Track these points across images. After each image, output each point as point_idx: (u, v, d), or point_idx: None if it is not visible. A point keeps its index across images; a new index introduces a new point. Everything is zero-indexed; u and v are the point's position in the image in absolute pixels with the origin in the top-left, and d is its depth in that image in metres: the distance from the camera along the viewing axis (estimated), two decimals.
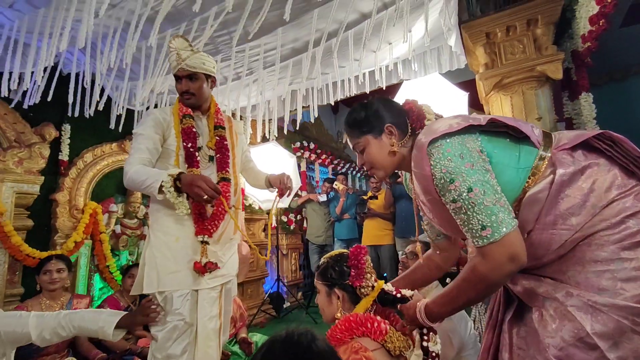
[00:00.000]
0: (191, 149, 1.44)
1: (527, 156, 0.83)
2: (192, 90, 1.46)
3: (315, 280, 1.21)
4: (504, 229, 0.75)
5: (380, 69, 2.81)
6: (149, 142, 1.41)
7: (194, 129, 1.47)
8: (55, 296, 2.17)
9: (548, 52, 2.38)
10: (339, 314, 1.09)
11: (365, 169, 1.04)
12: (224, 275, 1.48)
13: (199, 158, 1.46)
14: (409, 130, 0.97)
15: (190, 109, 1.50)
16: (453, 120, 0.86)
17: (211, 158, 1.54)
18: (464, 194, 0.78)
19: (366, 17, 2.22)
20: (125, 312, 1.35)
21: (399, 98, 3.25)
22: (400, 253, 3.60)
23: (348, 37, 2.32)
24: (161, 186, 1.25)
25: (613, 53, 4.13)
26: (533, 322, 0.80)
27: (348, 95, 3.04)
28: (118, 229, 3.09)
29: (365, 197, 3.84)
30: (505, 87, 2.53)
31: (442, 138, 0.83)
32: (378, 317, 1.02)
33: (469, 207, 0.78)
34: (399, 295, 1.06)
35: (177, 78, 1.46)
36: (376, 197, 3.82)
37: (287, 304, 4.13)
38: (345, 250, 1.20)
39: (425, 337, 0.99)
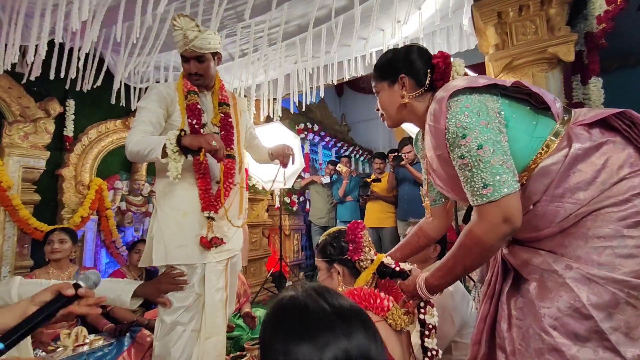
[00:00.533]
0: (196, 126, 1.43)
1: (543, 127, 0.83)
2: (200, 72, 1.45)
3: (315, 258, 1.22)
4: (505, 190, 0.75)
5: (388, 48, 2.75)
6: (152, 116, 1.40)
7: (198, 106, 1.46)
8: (62, 266, 2.22)
9: (561, 33, 2.31)
10: (340, 289, 1.10)
11: (379, 113, 1.05)
12: (230, 250, 1.51)
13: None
14: (426, 85, 0.95)
15: (194, 86, 1.49)
16: (477, 77, 0.85)
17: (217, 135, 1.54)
18: (473, 151, 0.78)
19: None
20: (142, 282, 1.38)
21: None
22: (401, 236, 3.64)
23: (356, 15, 2.26)
24: (165, 147, 1.23)
25: (626, 38, 4.01)
26: (529, 294, 0.82)
27: (355, 76, 3.00)
28: (123, 205, 3.13)
29: (368, 180, 3.84)
30: (515, 69, 2.48)
31: (462, 93, 0.82)
32: (382, 294, 1.01)
33: (476, 163, 0.77)
34: (397, 268, 1.08)
35: (185, 58, 1.44)
36: (379, 180, 3.82)
37: (289, 283, 4.21)
38: (343, 227, 1.20)
39: (422, 310, 1.02)
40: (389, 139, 7.21)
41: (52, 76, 2.34)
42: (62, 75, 2.40)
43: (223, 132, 1.53)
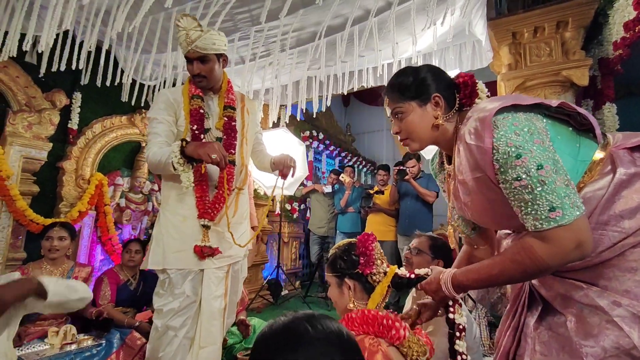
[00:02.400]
0: (196, 132, 1.42)
1: (586, 150, 0.79)
2: (203, 73, 1.43)
3: (325, 273, 1.17)
4: (577, 212, 0.69)
5: (400, 61, 2.74)
6: (163, 126, 1.41)
7: (201, 111, 1.45)
8: (57, 262, 2.17)
9: (575, 57, 2.31)
10: (351, 305, 1.04)
11: (399, 137, 0.96)
12: (231, 256, 1.46)
13: (204, 140, 1.45)
14: (456, 106, 0.91)
15: (200, 90, 1.48)
16: (519, 96, 0.81)
17: (219, 139, 1.52)
18: (533, 171, 0.71)
19: (391, 5, 2.15)
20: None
21: None
22: (405, 248, 3.57)
23: (372, 26, 2.25)
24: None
25: (634, 66, 4.03)
26: (560, 328, 0.77)
27: (364, 87, 2.98)
28: (123, 202, 3.08)
29: (371, 192, 3.80)
30: (527, 89, 2.47)
31: (507, 110, 0.76)
32: (402, 322, 0.94)
33: (537, 185, 0.70)
34: (412, 276, 1.03)
35: (188, 59, 1.43)
36: (382, 192, 3.78)
37: (285, 292, 4.13)
38: (353, 240, 1.15)
39: (452, 309, 0.97)
40: (393, 151, 7.19)
41: (62, 67, 2.32)
42: (73, 67, 2.38)
43: (225, 137, 1.51)
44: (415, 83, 0.92)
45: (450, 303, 0.95)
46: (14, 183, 2.35)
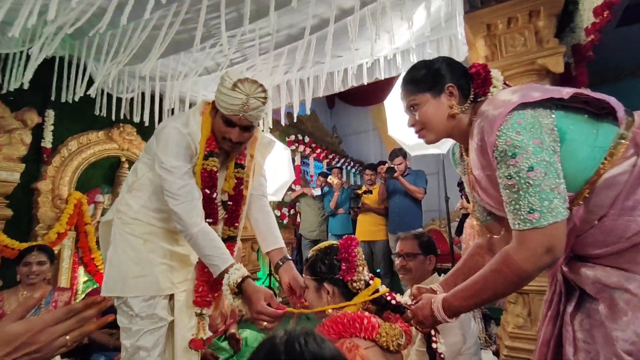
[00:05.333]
0: (207, 193, 1.27)
1: (605, 135, 0.77)
2: (242, 141, 1.27)
3: (303, 274, 1.14)
4: (552, 219, 0.71)
5: (379, 59, 2.73)
6: (192, 177, 1.24)
7: (216, 173, 1.28)
8: (35, 288, 2.07)
9: (549, 45, 2.33)
10: (330, 310, 1.02)
11: (414, 129, 0.96)
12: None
13: (219, 209, 1.33)
14: (471, 96, 0.90)
15: (225, 149, 1.31)
16: (531, 88, 0.79)
17: (224, 204, 1.39)
18: (523, 172, 0.73)
19: (366, 4, 2.14)
20: None
21: (398, 90, 3.18)
22: (393, 249, 3.55)
23: (347, 25, 2.23)
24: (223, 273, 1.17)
25: (607, 53, 4.12)
26: (598, 315, 0.75)
27: (345, 88, 2.97)
28: None
29: (359, 192, 3.78)
30: (505, 80, 2.48)
31: (515, 108, 0.76)
32: (366, 313, 0.96)
33: (524, 186, 0.73)
34: (393, 301, 1.00)
35: (229, 122, 1.22)
36: (370, 192, 3.76)
37: (279, 299, 4.06)
38: (335, 242, 1.13)
39: (434, 339, 0.96)
40: (380, 150, 7.22)
41: (26, 85, 2.23)
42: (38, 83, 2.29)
43: (231, 204, 1.36)
44: (428, 74, 0.92)
45: (433, 332, 0.94)
46: None
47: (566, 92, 0.77)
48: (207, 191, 1.26)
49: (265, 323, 1.12)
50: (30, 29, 2.00)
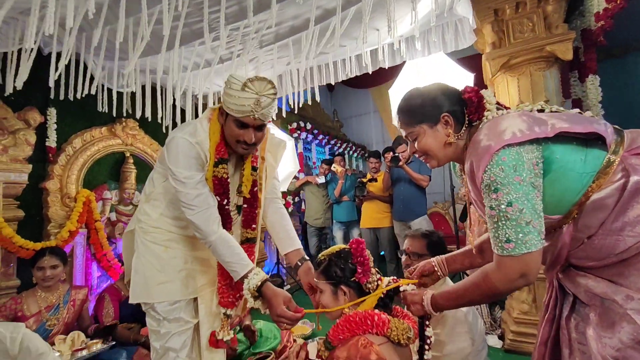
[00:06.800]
0: (226, 206, 1.29)
1: (593, 160, 0.81)
2: (256, 141, 1.26)
3: (315, 279, 1.19)
4: (526, 249, 0.78)
5: (383, 47, 2.68)
6: (205, 186, 1.25)
7: (227, 180, 1.28)
8: (51, 289, 2.13)
9: (558, 31, 2.28)
10: (347, 310, 1.09)
11: (417, 156, 1.02)
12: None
13: (232, 215, 1.34)
14: (466, 121, 0.94)
15: (238, 152, 1.30)
16: (518, 123, 0.81)
17: (238, 209, 1.39)
18: (502, 206, 0.79)
19: None
20: None
21: (402, 78, 3.13)
22: (398, 236, 3.61)
23: (350, 14, 2.17)
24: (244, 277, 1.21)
25: (613, 28, 4.03)
26: (590, 320, 0.81)
27: (348, 77, 2.92)
28: (113, 216, 3.02)
29: (364, 180, 3.80)
30: (512, 67, 2.44)
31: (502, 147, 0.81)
32: (376, 310, 1.04)
33: (502, 218, 0.79)
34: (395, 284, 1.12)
35: (242, 124, 1.21)
36: (375, 180, 3.78)
37: (287, 286, 4.17)
38: (344, 246, 1.19)
39: (427, 325, 1.07)
40: (382, 133, 7.17)
41: (20, 86, 2.18)
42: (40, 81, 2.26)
43: (246, 206, 1.37)
44: (423, 105, 0.95)
45: (427, 322, 1.07)
46: None
47: (551, 127, 0.80)
48: (218, 198, 1.28)
49: (285, 325, 1.18)
50: (28, 25, 1.94)
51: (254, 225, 1.39)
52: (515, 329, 2.26)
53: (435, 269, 1.18)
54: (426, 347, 1.06)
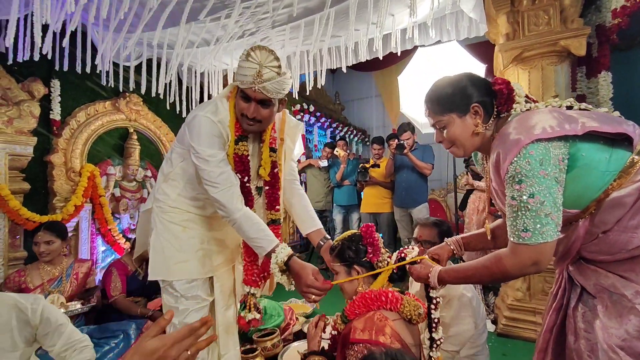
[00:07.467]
0: (247, 184, 1.30)
1: (617, 160, 0.83)
2: (259, 118, 1.22)
3: (331, 263, 1.24)
4: (542, 239, 0.81)
5: (396, 33, 2.64)
6: (227, 164, 1.25)
7: (248, 157, 1.28)
8: (54, 262, 2.16)
9: (574, 26, 2.27)
10: (360, 288, 1.17)
11: (444, 146, 1.03)
12: (234, 258, 1.48)
13: (253, 193, 1.34)
14: (494, 112, 0.95)
15: (240, 128, 1.28)
16: (549, 119, 0.83)
17: (259, 190, 1.39)
18: (524, 197, 0.81)
19: None
20: None
21: (413, 65, 3.10)
22: (398, 222, 3.67)
23: None
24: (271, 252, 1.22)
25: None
26: (597, 311, 0.86)
27: (358, 60, 2.89)
28: (117, 192, 3.02)
29: (367, 165, 3.82)
30: (524, 60, 2.44)
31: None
32: (390, 288, 1.12)
33: (523, 209, 0.82)
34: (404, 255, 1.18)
35: (244, 96, 1.21)
36: (378, 166, 3.81)
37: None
38: (355, 231, 1.27)
39: (433, 306, 1.13)
40: (383, 117, 7.15)
41: (36, 56, 2.14)
42: (45, 52, 2.19)
43: (268, 188, 1.38)
44: (453, 95, 0.95)
45: (434, 301, 1.12)
46: (2, 183, 2.25)
47: (581, 126, 0.82)
48: (239, 176, 1.29)
49: (313, 297, 1.20)
50: None
51: (277, 207, 1.41)
52: (508, 315, 2.38)
53: (452, 247, 1.22)
54: (434, 325, 1.13)
